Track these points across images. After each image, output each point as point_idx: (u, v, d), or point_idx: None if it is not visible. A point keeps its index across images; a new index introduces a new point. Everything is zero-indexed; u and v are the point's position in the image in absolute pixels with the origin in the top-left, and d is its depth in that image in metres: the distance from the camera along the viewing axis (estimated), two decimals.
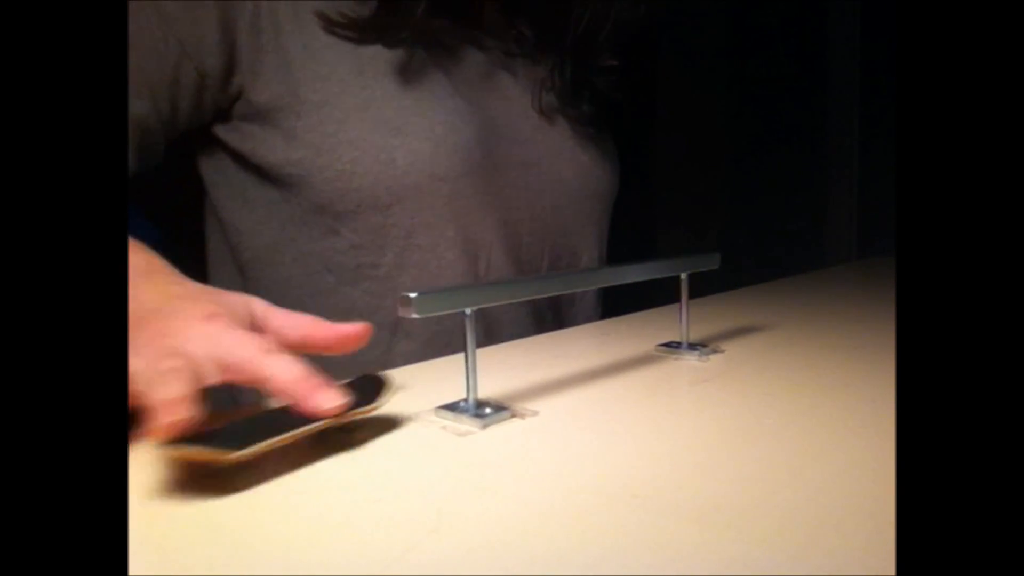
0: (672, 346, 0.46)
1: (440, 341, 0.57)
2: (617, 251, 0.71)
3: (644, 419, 0.34)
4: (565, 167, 0.64)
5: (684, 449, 0.30)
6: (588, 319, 0.68)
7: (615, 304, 0.69)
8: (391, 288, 0.57)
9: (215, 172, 0.60)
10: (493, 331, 0.59)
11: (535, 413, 0.34)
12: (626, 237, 0.75)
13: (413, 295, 0.31)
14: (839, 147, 1.91)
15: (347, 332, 0.36)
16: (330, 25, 0.54)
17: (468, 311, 0.34)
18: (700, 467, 0.28)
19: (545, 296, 0.60)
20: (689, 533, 0.22)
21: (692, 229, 1.94)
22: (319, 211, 0.56)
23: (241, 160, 0.57)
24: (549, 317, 0.66)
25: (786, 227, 1.93)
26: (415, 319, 0.55)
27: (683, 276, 0.45)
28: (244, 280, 0.60)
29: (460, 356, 0.35)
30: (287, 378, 0.30)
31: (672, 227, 1.96)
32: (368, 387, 0.34)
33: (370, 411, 0.32)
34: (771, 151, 1.94)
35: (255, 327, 0.36)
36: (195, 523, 0.24)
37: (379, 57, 0.55)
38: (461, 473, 0.27)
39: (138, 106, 0.51)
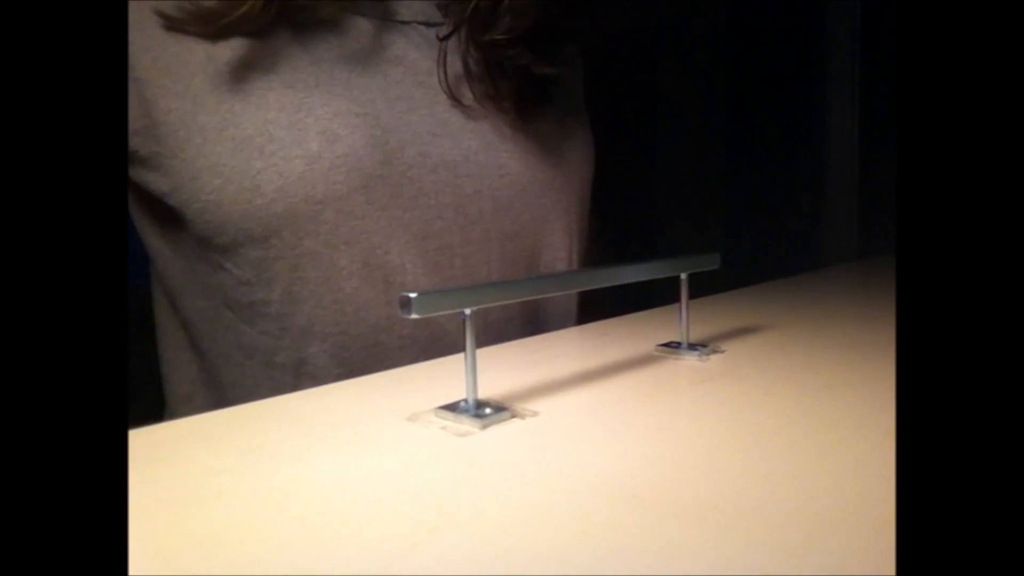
0: (672, 346, 0.46)
1: None
2: (617, 251, 0.70)
3: (644, 419, 0.34)
4: (506, 159, 0.55)
5: (684, 449, 0.29)
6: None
7: (619, 303, 0.68)
8: (285, 327, 0.50)
9: (131, 200, 0.54)
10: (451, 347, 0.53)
11: (535, 413, 0.34)
12: (626, 236, 0.74)
13: (412, 295, 0.31)
14: (839, 147, 1.91)
15: None
16: (172, 23, 0.46)
17: (468, 311, 0.34)
18: (700, 467, 0.28)
19: (544, 296, 0.59)
20: (689, 533, 0.22)
21: (692, 229, 1.94)
22: (204, 245, 0.49)
23: (136, 187, 0.51)
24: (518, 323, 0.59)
25: (786, 227, 1.93)
26: (318, 360, 0.52)
27: (683, 276, 0.45)
28: (174, 310, 0.56)
29: (460, 356, 0.35)
30: None
31: (672, 227, 1.96)
32: None
33: None
34: (771, 151, 1.94)
35: None
36: (195, 523, 0.24)
37: (239, 61, 0.47)
38: (461, 473, 0.27)
39: None
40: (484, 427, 0.32)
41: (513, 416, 0.34)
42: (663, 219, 1.97)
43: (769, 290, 0.74)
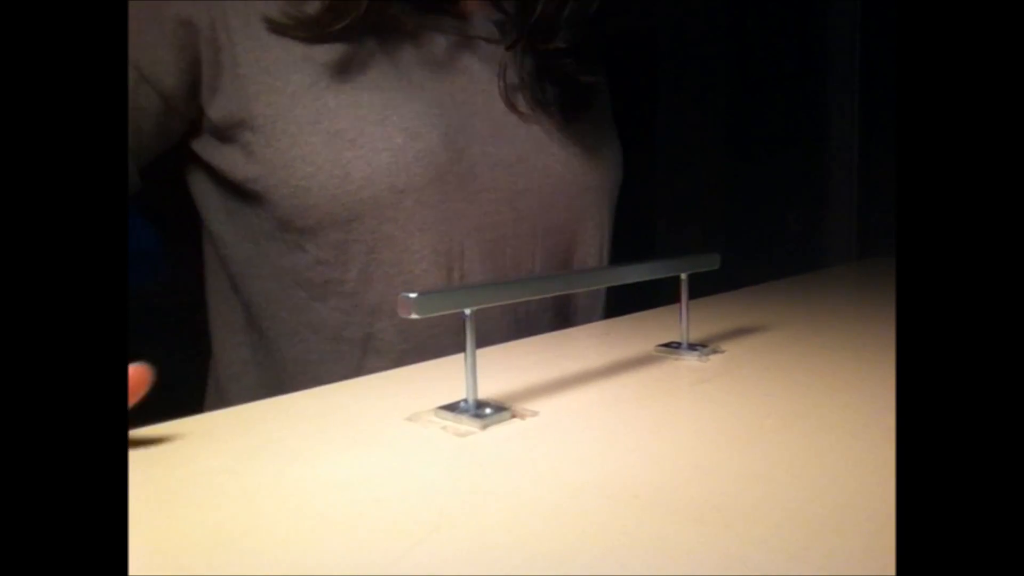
0: (672, 346, 0.46)
1: (410, 360, 0.55)
2: (617, 251, 0.70)
3: (644, 419, 0.34)
4: (551, 161, 0.61)
5: (684, 449, 0.29)
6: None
7: (616, 304, 0.69)
8: (357, 304, 0.56)
9: (199, 183, 0.60)
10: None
11: (535, 413, 0.34)
12: (626, 236, 0.74)
13: (413, 295, 0.31)
14: (839, 147, 1.91)
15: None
16: (277, 28, 0.52)
17: (468, 311, 0.34)
18: (700, 467, 0.28)
19: (544, 296, 0.60)
20: (689, 533, 0.22)
21: (692, 229, 1.94)
22: (284, 227, 0.55)
23: (215, 174, 0.57)
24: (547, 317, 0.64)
25: (786, 227, 1.93)
26: (385, 335, 0.57)
27: (683, 276, 0.45)
28: (236, 292, 0.61)
29: (460, 356, 0.35)
30: None
31: (672, 227, 1.96)
32: None
33: None
34: (771, 151, 1.94)
35: None
36: (195, 523, 0.24)
37: (334, 64, 0.53)
38: (461, 473, 0.27)
39: None
40: (484, 427, 0.32)
41: (513, 416, 0.34)
42: (663, 219, 1.97)
43: (769, 290, 0.74)
